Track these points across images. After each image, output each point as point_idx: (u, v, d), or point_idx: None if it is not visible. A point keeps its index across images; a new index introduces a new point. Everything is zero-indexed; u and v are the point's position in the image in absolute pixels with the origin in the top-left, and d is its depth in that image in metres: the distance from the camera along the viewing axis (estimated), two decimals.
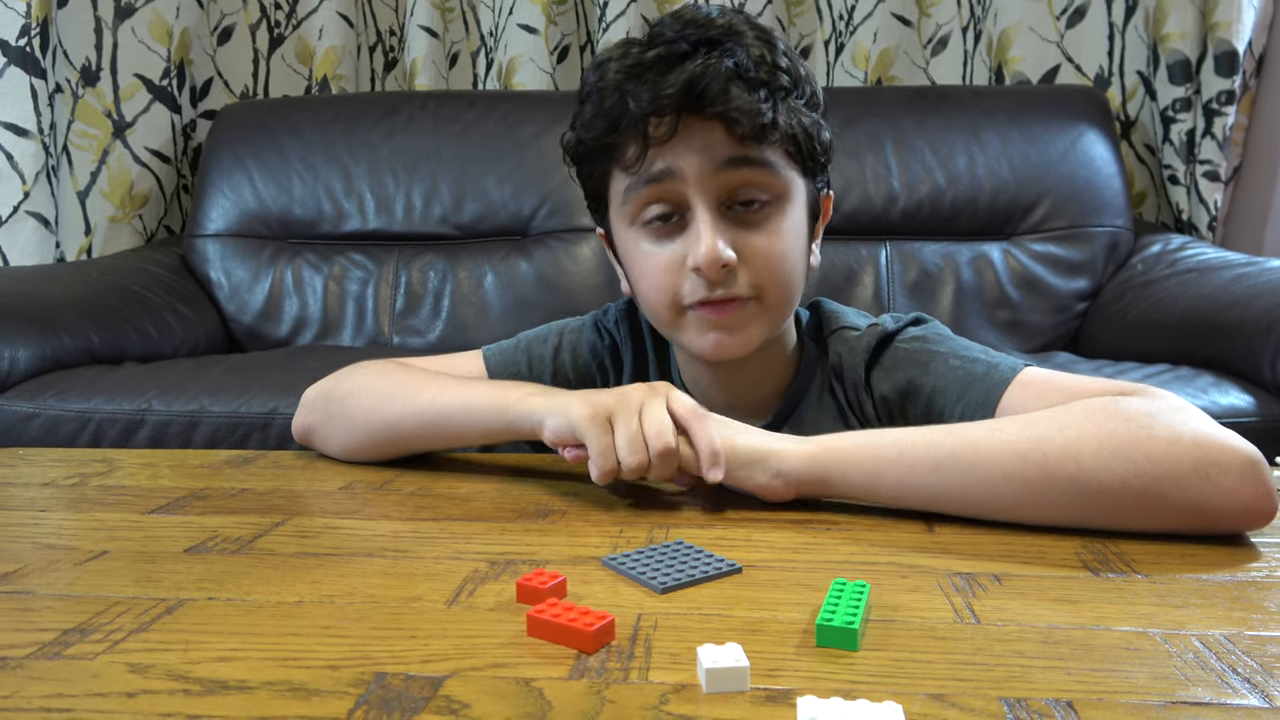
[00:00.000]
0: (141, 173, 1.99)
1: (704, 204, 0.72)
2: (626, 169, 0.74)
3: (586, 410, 0.65)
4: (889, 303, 1.78)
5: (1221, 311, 1.40)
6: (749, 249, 0.73)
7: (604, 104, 0.74)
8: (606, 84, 0.74)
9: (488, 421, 0.72)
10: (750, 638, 0.44)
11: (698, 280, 0.73)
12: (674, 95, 0.70)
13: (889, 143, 1.83)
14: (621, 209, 0.77)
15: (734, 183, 0.73)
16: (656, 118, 0.71)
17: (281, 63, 2.19)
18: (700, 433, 0.63)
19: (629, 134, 0.72)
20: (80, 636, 0.44)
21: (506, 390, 0.72)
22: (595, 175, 0.79)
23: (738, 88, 0.70)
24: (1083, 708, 0.37)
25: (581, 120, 0.77)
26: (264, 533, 0.61)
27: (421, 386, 0.76)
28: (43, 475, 0.77)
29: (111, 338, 1.56)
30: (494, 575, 0.53)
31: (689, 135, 0.71)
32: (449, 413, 0.74)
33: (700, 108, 0.70)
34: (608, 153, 0.75)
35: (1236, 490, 0.55)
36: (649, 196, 0.74)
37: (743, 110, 0.70)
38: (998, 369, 0.72)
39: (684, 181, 0.72)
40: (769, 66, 0.72)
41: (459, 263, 1.87)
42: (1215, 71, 1.79)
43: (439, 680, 0.40)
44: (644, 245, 0.76)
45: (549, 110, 1.92)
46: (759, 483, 0.64)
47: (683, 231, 0.74)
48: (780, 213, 0.75)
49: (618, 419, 0.64)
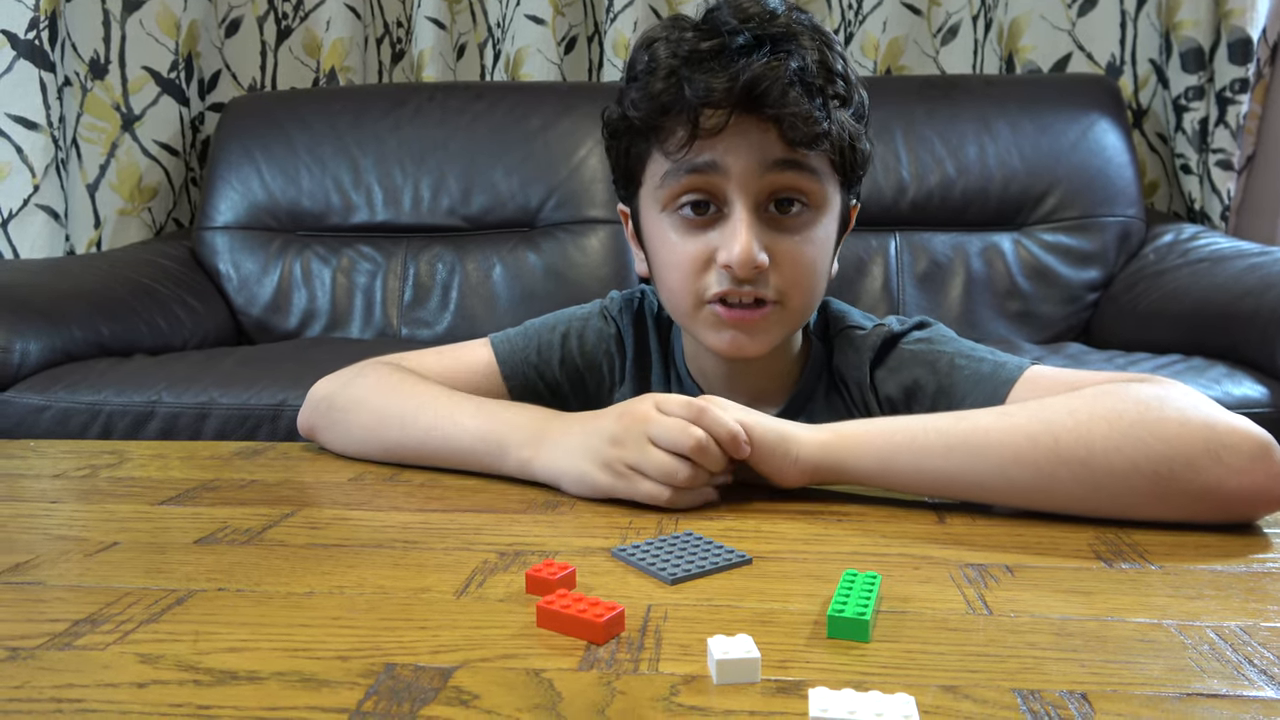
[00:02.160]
0: (150, 165, 1.99)
1: (743, 202, 0.71)
2: (669, 154, 0.73)
3: (602, 473, 0.63)
4: (899, 294, 1.77)
5: (1234, 302, 1.39)
6: (781, 253, 0.72)
7: (655, 86, 0.72)
8: (660, 66, 0.72)
9: (484, 466, 0.71)
10: (761, 629, 0.44)
11: (724, 274, 0.72)
12: (733, 91, 0.68)
13: (899, 133, 1.82)
14: (656, 192, 0.76)
15: (778, 185, 0.72)
16: (711, 109, 0.70)
17: (289, 55, 2.19)
18: (710, 420, 0.62)
19: (678, 120, 0.71)
20: (91, 627, 0.44)
21: (502, 434, 0.70)
22: (633, 154, 0.78)
23: (796, 92, 0.69)
24: (1097, 700, 0.37)
25: (629, 98, 0.75)
26: (273, 524, 0.61)
27: (418, 413, 0.74)
28: (54, 467, 0.77)
29: (121, 330, 1.56)
30: (503, 566, 0.52)
31: (741, 132, 0.70)
32: (444, 447, 0.72)
33: (758, 108, 0.69)
34: (652, 134, 0.74)
35: (1248, 472, 0.55)
36: (688, 185, 0.73)
37: (800, 116, 0.69)
38: (1004, 368, 0.72)
39: (727, 177, 0.71)
40: (828, 72, 0.71)
41: (467, 254, 1.87)
42: (1229, 59, 1.78)
43: (449, 671, 0.40)
44: (673, 235, 0.75)
45: (557, 101, 1.92)
46: (773, 467, 0.63)
47: (716, 225, 0.73)
48: (816, 220, 0.74)
49: (634, 460, 0.62)
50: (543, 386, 0.85)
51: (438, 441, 0.73)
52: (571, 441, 0.66)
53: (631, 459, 0.62)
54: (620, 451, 0.63)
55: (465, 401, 0.75)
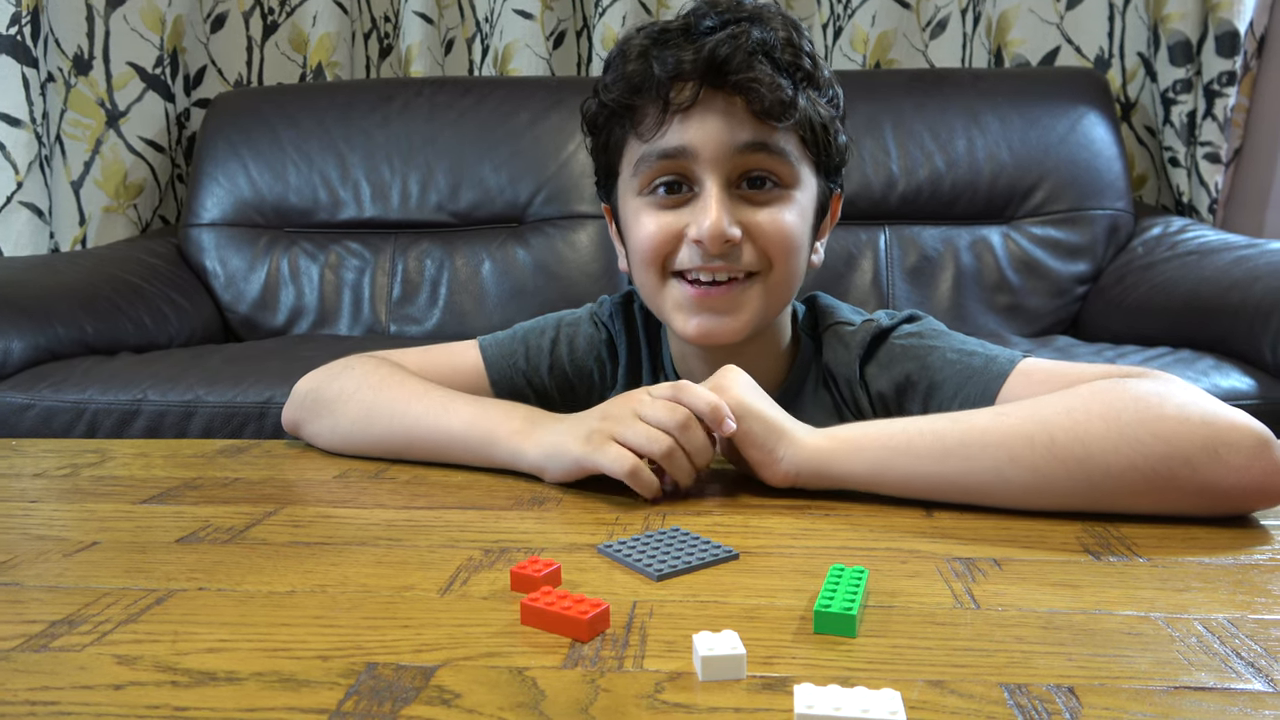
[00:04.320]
0: (136, 162, 1.98)
1: (714, 180, 0.72)
2: (642, 137, 0.74)
3: (580, 443, 0.63)
4: (888, 287, 1.77)
5: (1222, 294, 1.39)
6: (755, 225, 0.73)
7: (626, 68, 0.74)
8: (631, 50, 0.74)
9: (474, 453, 0.71)
10: (747, 625, 0.43)
11: (695, 250, 0.73)
12: (698, 62, 0.70)
13: (888, 126, 1.82)
14: (631, 179, 0.77)
15: (749, 165, 0.73)
16: (679, 83, 0.71)
17: (275, 50, 2.17)
18: (690, 396, 0.62)
19: (649, 98, 0.73)
20: (68, 628, 0.44)
21: (495, 422, 0.70)
22: (610, 145, 0.79)
23: (761, 62, 0.70)
24: (1084, 693, 0.37)
25: (603, 84, 0.77)
26: (256, 522, 0.60)
27: (409, 402, 0.74)
28: (35, 466, 0.76)
29: (106, 328, 1.55)
30: (488, 563, 0.52)
31: (709, 107, 0.71)
32: (435, 437, 0.72)
33: (723, 78, 0.70)
34: (626, 118, 0.75)
35: (1247, 468, 0.55)
36: (661, 169, 0.74)
37: (764, 84, 0.70)
38: (995, 361, 0.71)
39: (698, 160, 0.72)
40: (794, 50, 0.73)
41: (456, 250, 1.86)
42: (1216, 52, 1.78)
43: (431, 670, 0.39)
44: (645, 214, 0.76)
45: (545, 96, 1.91)
46: (764, 462, 0.62)
47: (688, 204, 0.74)
48: (789, 197, 0.75)
49: (618, 432, 0.62)
50: (530, 392, 0.84)
51: (427, 430, 0.72)
52: (563, 426, 0.67)
53: (616, 431, 0.62)
54: (607, 425, 0.63)
55: (456, 395, 0.75)
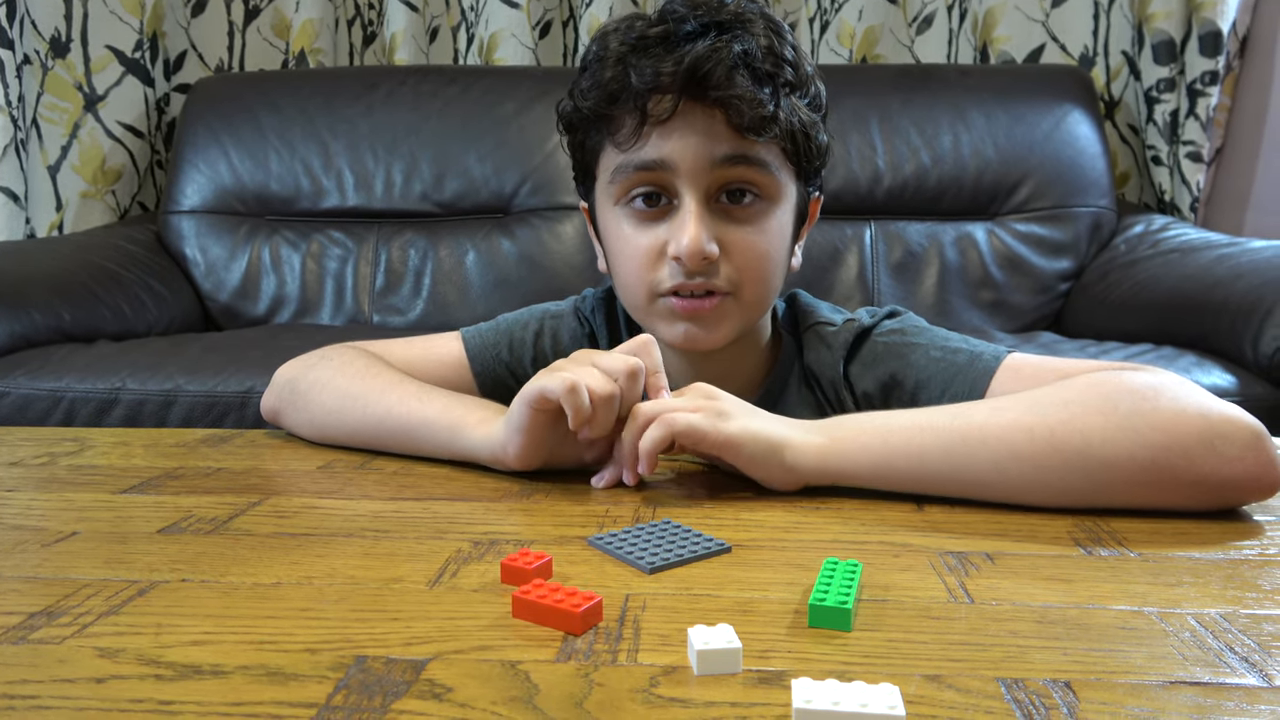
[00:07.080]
0: (114, 147, 1.95)
1: (693, 194, 0.71)
2: (619, 146, 0.72)
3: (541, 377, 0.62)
4: (873, 283, 1.77)
5: (1204, 292, 1.41)
6: (732, 243, 0.72)
7: (604, 75, 0.72)
8: (608, 54, 0.72)
9: (442, 444, 0.69)
10: (741, 618, 0.43)
11: (675, 267, 0.72)
12: (678, 75, 0.68)
13: (874, 122, 1.82)
14: (608, 187, 0.75)
15: (728, 178, 0.72)
16: (658, 94, 0.69)
17: (258, 35, 2.14)
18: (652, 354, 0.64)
19: (626, 108, 0.71)
20: (47, 620, 0.43)
21: (463, 412, 0.69)
22: (587, 147, 0.77)
23: (742, 76, 0.68)
24: (1081, 688, 0.37)
25: (579, 88, 0.75)
26: (240, 513, 0.59)
27: (383, 392, 0.73)
28: (10, 454, 0.75)
29: (84, 315, 1.53)
30: (478, 556, 0.51)
31: (688, 120, 0.70)
32: (406, 426, 0.71)
33: (703, 91, 0.68)
34: (602, 125, 0.74)
35: (1242, 461, 0.55)
36: (638, 180, 0.73)
37: (745, 99, 0.68)
38: (980, 357, 0.71)
39: (676, 174, 0.71)
40: (776, 58, 0.71)
41: (440, 240, 1.85)
42: (1199, 52, 1.79)
43: (421, 663, 0.39)
44: (626, 227, 0.75)
45: (531, 86, 1.89)
46: (769, 475, 0.61)
47: (667, 217, 0.73)
48: (769, 211, 0.74)
49: (568, 368, 0.62)
50: (513, 384, 0.83)
51: (397, 421, 0.71)
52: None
53: (566, 367, 0.63)
54: (561, 364, 0.64)
55: (430, 388, 0.74)
